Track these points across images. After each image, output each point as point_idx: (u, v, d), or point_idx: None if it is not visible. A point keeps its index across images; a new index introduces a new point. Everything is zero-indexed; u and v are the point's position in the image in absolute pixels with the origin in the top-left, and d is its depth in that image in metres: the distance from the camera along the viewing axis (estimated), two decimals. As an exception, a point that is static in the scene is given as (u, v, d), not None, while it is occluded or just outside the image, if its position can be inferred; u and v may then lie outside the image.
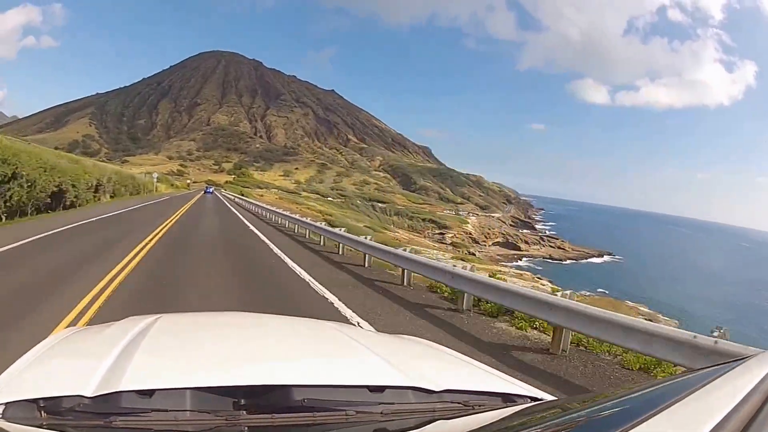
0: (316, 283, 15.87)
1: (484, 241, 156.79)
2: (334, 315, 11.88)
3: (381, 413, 1.90)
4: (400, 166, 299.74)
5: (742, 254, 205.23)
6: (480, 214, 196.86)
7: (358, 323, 11.36)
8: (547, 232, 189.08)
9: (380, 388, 1.96)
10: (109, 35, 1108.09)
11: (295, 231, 34.11)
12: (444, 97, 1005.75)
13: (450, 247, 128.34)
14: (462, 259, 59.41)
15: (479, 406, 1.97)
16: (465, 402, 1.99)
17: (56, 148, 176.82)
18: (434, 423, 1.84)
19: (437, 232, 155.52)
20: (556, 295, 11.09)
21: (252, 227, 36.64)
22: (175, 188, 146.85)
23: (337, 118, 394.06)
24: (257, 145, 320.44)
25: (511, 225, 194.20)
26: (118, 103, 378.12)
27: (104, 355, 2.12)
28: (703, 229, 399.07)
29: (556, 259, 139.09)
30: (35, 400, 1.78)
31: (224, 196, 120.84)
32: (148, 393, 1.74)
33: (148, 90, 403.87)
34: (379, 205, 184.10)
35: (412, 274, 16.85)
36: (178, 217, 40.09)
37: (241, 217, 49.05)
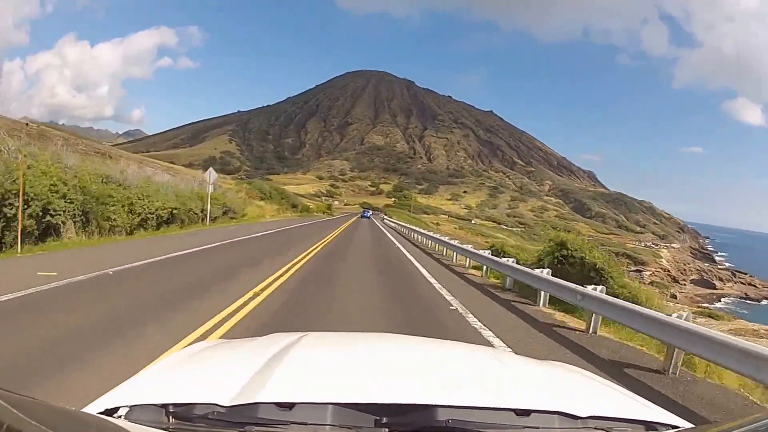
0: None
1: (683, 280, 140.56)
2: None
3: None
4: (571, 190, 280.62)
5: None
6: (661, 244, 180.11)
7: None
8: (726, 264, 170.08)
9: (526, 412, 1.90)
10: (250, 55, 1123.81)
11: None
12: (598, 117, 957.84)
13: (652, 288, 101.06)
14: (711, 316, 52.79)
15: None
16: (609, 429, 1.95)
17: (189, 165, 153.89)
18: None
19: (633, 269, 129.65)
20: None
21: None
22: (297, 213, 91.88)
23: (499, 140, 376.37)
24: (419, 166, 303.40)
25: (691, 257, 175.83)
26: (262, 121, 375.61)
27: (244, 367, 2.12)
28: None
29: (752, 299, 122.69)
30: (164, 405, 1.78)
31: (387, 225, 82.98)
32: (289, 406, 1.74)
33: (294, 109, 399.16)
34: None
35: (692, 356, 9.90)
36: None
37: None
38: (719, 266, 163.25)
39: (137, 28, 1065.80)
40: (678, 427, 2.00)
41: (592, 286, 13.69)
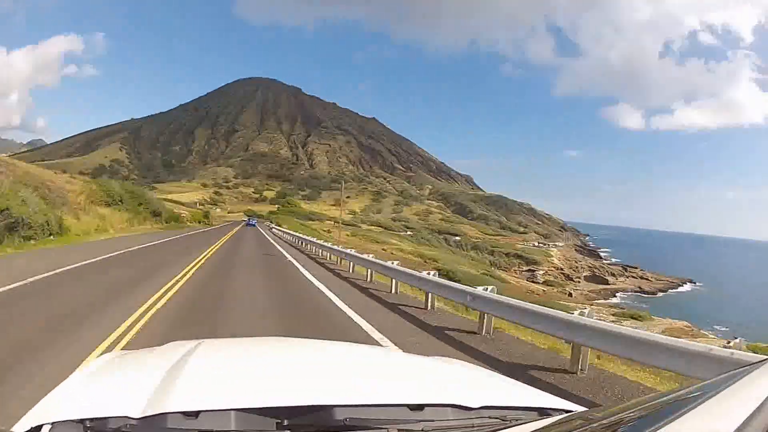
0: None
1: (577, 277, 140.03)
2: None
3: (422, 430, 1.88)
4: (451, 194, 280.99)
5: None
6: (549, 243, 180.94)
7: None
8: (613, 260, 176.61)
9: (420, 407, 1.94)
10: (150, 63, 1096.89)
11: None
12: (481, 124, 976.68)
13: (544, 286, 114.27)
14: (634, 317, 57.78)
15: (516, 420, 1.94)
16: (502, 417, 1.98)
17: (81, 173, 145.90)
18: None
19: (526, 269, 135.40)
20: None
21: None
22: (161, 224, 69.86)
23: (380, 146, 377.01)
24: (302, 172, 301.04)
25: (577, 254, 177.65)
26: (152, 129, 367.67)
27: (150, 377, 2.13)
28: (749, 246, 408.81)
29: (647, 292, 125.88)
30: (81, 421, 1.79)
31: (277, 235, 68.00)
32: (194, 414, 1.76)
33: (184, 116, 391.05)
34: (454, 238, 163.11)
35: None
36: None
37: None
38: (605, 261, 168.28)
39: (47, 35, 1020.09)
40: (571, 411, 2.03)
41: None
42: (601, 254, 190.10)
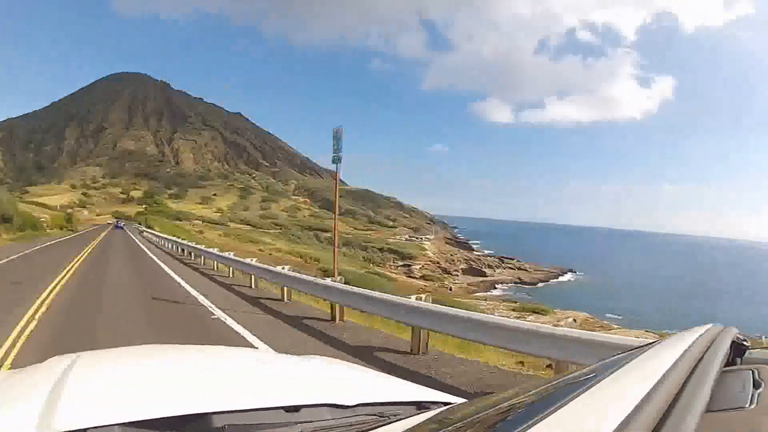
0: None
1: (455, 270, 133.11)
2: None
3: None
4: (316, 189, 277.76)
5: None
6: (423, 237, 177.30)
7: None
8: (485, 251, 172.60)
9: (296, 408, 1.94)
10: (26, 59, 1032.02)
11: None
12: (347, 119, 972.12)
13: (423, 282, 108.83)
14: (536, 311, 55.21)
15: (394, 415, 1.93)
16: (380, 413, 1.98)
17: None
18: None
19: (401, 263, 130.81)
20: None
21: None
22: (11, 234, 58.24)
23: (245, 141, 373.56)
24: (168, 170, 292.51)
25: (450, 246, 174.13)
26: (26, 129, 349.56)
27: (35, 398, 2.02)
28: (620, 235, 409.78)
29: (527, 283, 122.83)
30: None
31: (151, 241, 59.64)
32: None
33: (56, 114, 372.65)
34: (324, 234, 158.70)
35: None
36: None
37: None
38: (476, 252, 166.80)
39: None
40: (450, 404, 2.01)
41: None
42: (473, 246, 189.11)
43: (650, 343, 1.35)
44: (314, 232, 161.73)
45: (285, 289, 17.87)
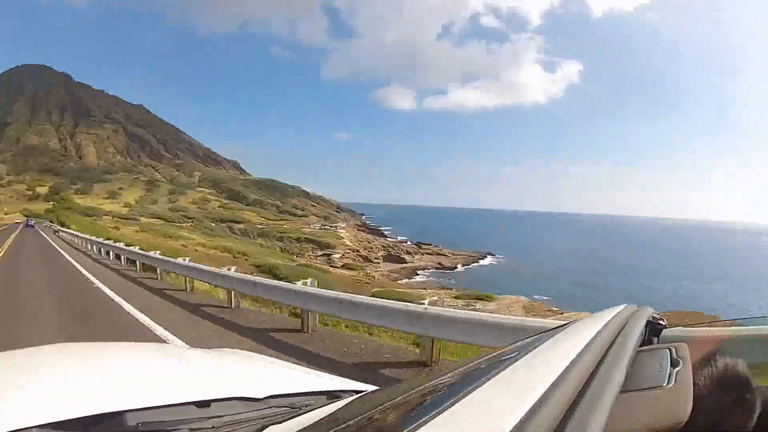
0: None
1: (376, 258, 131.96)
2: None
3: (213, 427, 1.84)
4: (221, 180, 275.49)
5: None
6: (336, 226, 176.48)
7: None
8: (398, 237, 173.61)
9: (206, 403, 1.91)
10: None
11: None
12: (247, 108, 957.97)
13: (346, 271, 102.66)
14: (480, 299, 52.76)
15: (306, 406, 1.92)
16: (291, 405, 1.97)
17: None
18: (266, 429, 1.74)
19: (320, 253, 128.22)
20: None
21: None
22: None
23: (147, 133, 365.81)
24: (72, 165, 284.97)
25: (364, 234, 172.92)
26: None
27: None
28: (529, 217, 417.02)
29: (448, 268, 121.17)
30: None
31: (72, 243, 49.41)
32: None
33: None
34: (237, 225, 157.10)
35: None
36: None
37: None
38: (390, 239, 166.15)
39: None
40: (361, 392, 2.07)
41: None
42: (385, 233, 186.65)
43: (563, 325, 1.37)
44: (227, 224, 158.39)
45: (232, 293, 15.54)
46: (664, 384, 0.97)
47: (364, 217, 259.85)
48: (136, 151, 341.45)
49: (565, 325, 1.33)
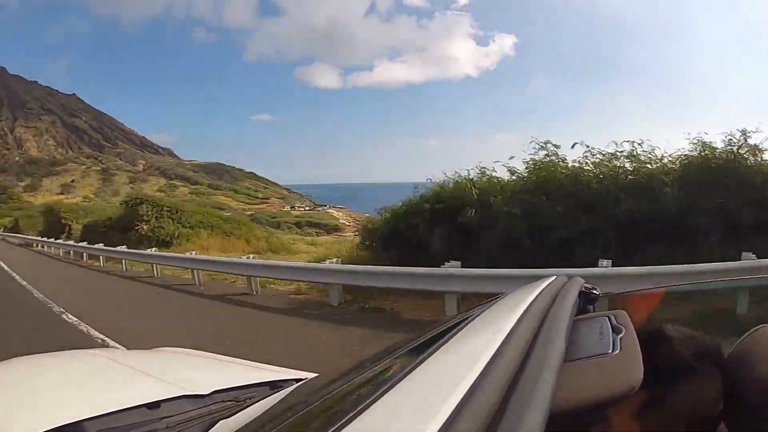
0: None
1: None
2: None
3: (166, 427, 1.83)
4: (168, 167, 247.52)
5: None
6: (319, 208, 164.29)
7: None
8: (365, 215, 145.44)
9: (156, 404, 1.89)
10: None
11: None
12: (175, 95, 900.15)
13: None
14: None
15: (250, 398, 1.92)
16: (236, 398, 1.97)
17: None
18: (215, 425, 1.74)
19: (336, 235, 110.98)
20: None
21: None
22: None
23: (83, 123, 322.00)
24: (17, 159, 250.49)
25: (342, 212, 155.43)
26: None
27: None
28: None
29: None
30: None
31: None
32: None
33: None
34: (224, 213, 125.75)
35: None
36: None
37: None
38: (367, 215, 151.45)
39: None
40: (301, 379, 2.03)
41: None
42: (350, 210, 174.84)
43: (494, 298, 1.31)
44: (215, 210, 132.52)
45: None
46: (609, 351, 0.94)
47: (312, 198, 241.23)
48: (75, 142, 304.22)
49: (496, 298, 1.29)
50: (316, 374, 2.01)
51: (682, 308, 1.40)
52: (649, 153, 11.89)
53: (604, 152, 12.26)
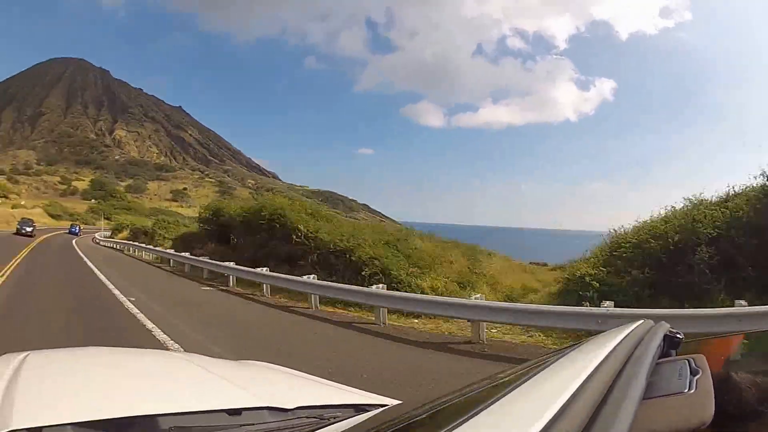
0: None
1: None
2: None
3: None
4: (279, 189, 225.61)
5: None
6: None
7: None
8: None
9: (237, 411, 1.88)
10: None
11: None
12: (279, 119, 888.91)
13: None
14: None
15: (333, 418, 1.87)
16: (319, 416, 1.94)
17: None
18: None
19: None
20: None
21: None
22: None
23: (189, 136, 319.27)
24: (116, 158, 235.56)
25: None
26: None
27: None
28: (563, 235, 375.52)
29: None
30: None
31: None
32: (37, 430, 1.61)
33: None
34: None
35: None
36: None
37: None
38: None
39: None
40: (386, 405, 2.01)
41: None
42: None
43: (587, 339, 1.37)
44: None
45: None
46: (686, 390, 0.97)
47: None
48: (179, 152, 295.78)
49: (584, 341, 1.36)
50: (400, 401, 1.93)
51: (759, 356, 1.46)
52: None
53: None
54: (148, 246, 37.68)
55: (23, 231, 51.98)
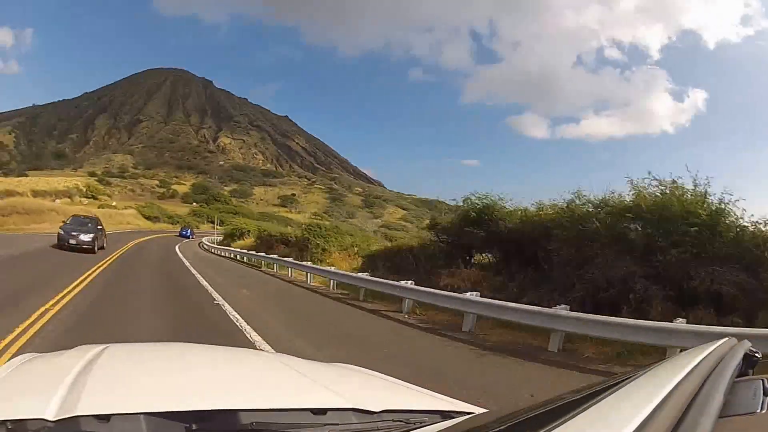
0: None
1: None
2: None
3: None
4: (388, 198, 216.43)
5: None
6: None
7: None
8: None
9: (322, 411, 1.84)
10: (61, 50, 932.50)
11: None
12: (382, 128, 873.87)
13: None
14: None
15: (419, 423, 1.84)
16: (405, 420, 1.89)
17: None
18: None
19: None
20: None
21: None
22: None
23: (296, 144, 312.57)
24: (221, 164, 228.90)
25: None
26: (52, 116, 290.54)
27: (61, 381, 1.93)
28: None
29: None
30: (2, 422, 1.61)
31: None
32: (106, 418, 1.61)
33: (87, 104, 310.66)
34: None
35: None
36: None
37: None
38: None
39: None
40: (472, 413, 1.94)
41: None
42: None
43: (668, 358, 1.34)
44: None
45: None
46: (758, 411, 0.98)
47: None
48: (286, 160, 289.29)
49: (670, 357, 1.37)
50: (486, 410, 1.89)
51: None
52: None
53: None
54: (325, 268, 23.37)
55: (68, 242, 28.19)
